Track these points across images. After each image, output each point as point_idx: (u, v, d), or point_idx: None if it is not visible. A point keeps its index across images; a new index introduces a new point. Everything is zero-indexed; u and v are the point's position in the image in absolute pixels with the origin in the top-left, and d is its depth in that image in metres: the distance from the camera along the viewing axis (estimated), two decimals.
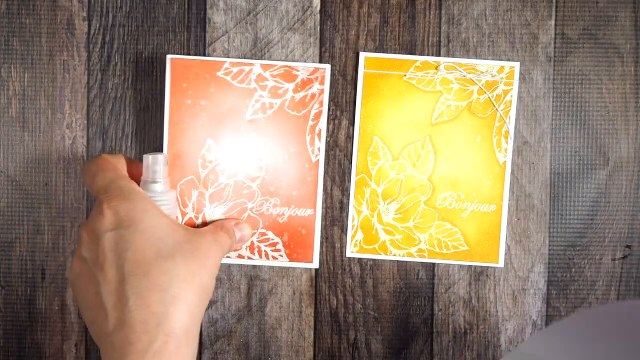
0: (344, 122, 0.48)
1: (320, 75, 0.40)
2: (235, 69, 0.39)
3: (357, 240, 0.48)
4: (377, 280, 0.48)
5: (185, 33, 0.48)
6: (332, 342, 0.49)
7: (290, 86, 0.40)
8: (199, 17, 0.48)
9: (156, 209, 0.36)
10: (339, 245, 0.48)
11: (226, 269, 0.48)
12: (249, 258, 0.41)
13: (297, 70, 0.40)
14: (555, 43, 0.48)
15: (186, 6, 0.48)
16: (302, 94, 0.40)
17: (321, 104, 0.40)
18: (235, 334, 0.48)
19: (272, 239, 0.41)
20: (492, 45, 0.48)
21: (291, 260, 0.42)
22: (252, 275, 0.48)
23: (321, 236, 0.48)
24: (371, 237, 0.48)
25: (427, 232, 0.48)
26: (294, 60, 0.48)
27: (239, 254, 0.41)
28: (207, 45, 0.48)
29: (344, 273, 0.48)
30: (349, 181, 0.48)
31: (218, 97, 0.39)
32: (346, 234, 0.48)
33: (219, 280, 0.48)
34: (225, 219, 0.40)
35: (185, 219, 0.40)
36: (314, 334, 0.49)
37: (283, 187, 0.40)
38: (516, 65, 0.48)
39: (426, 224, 0.48)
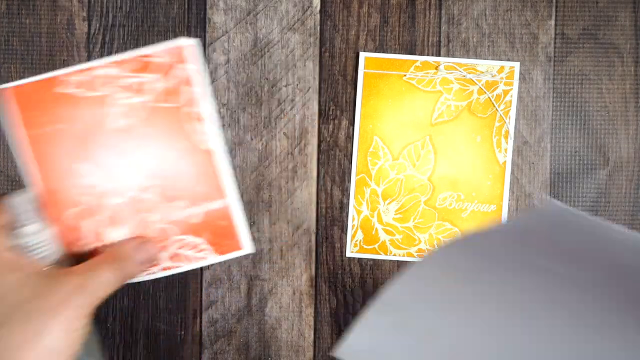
0: (344, 122, 0.48)
1: (183, 55, 0.34)
2: (76, 78, 0.34)
3: (357, 240, 0.48)
4: (377, 280, 0.48)
5: (185, 33, 0.48)
6: (332, 342, 0.49)
7: (153, 77, 0.34)
8: (199, 17, 0.48)
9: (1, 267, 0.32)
10: (339, 245, 0.48)
11: (226, 269, 0.48)
12: (175, 267, 0.37)
13: (156, 57, 0.34)
14: (555, 43, 0.48)
15: (186, 6, 0.48)
16: (170, 81, 0.34)
17: (189, 83, 0.34)
18: (235, 334, 0.48)
19: (193, 242, 0.36)
20: (492, 45, 0.48)
21: (221, 254, 0.38)
22: (252, 275, 0.48)
23: (320, 235, 0.48)
24: (371, 237, 0.48)
25: (427, 232, 0.48)
26: (293, 60, 0.48)
27: (163, 267, 0.37)
28: (207, 45, 0.48)
29: (344, 273, 0.48)
30: (349, 181, 0.48)
31: (70, 116, 0.34)
32: (346, 234, 0.48)
33: (219, 280, 0.48)
34: (124, 241, 0.35)
35: (88, 248, 0.35)
36: (314, 334, 0.49)
37: (184, 187, 0.35)
38: (516, 65, 0.48)
39: (426, 224, 0.48)
